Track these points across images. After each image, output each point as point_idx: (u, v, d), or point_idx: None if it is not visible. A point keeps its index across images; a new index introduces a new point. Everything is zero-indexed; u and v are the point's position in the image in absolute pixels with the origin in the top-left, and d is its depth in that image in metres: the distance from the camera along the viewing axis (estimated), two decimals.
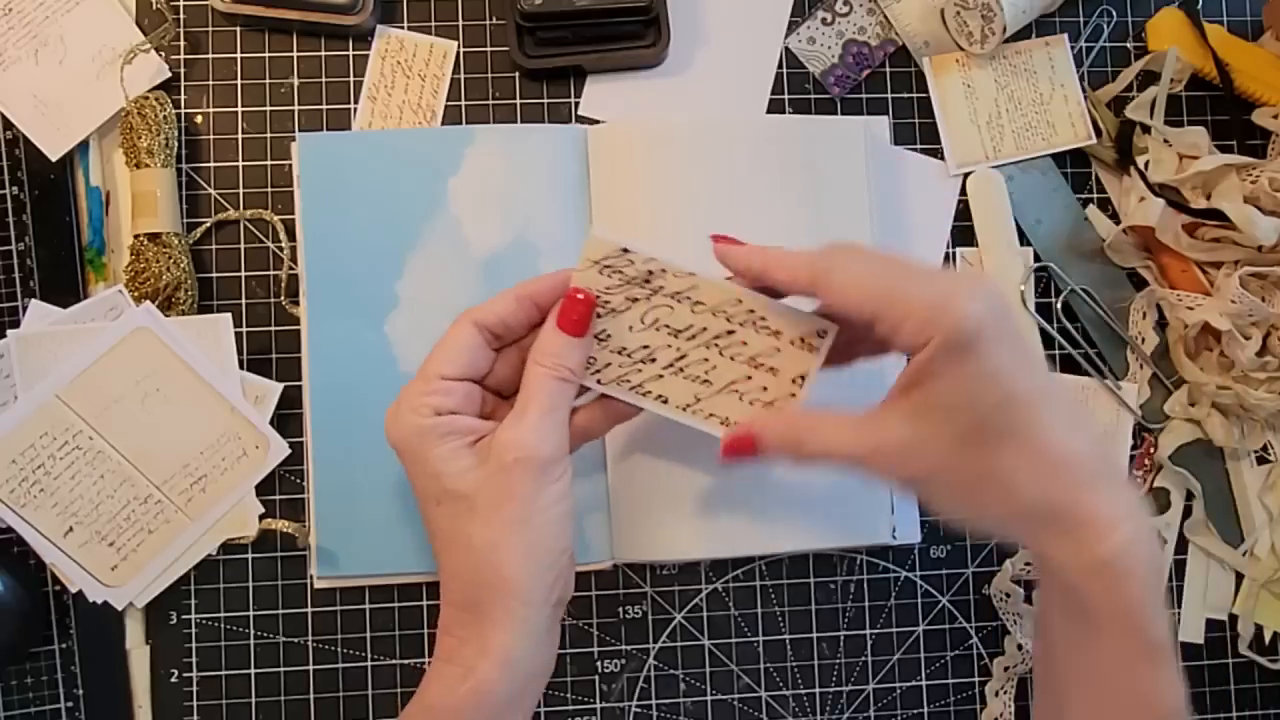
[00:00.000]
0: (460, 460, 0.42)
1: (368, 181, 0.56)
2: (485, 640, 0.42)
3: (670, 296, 0.45)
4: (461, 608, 0.43)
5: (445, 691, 0.42)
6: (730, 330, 0.45)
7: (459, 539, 0.42)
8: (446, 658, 0.43)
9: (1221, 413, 0.59)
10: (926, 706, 0.58)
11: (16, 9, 0.55)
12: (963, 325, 0.37)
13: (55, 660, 0.54)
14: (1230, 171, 0.57)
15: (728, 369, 0.46)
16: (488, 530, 0.42)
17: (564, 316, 0.44)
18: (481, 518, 0.42)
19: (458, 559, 0.43)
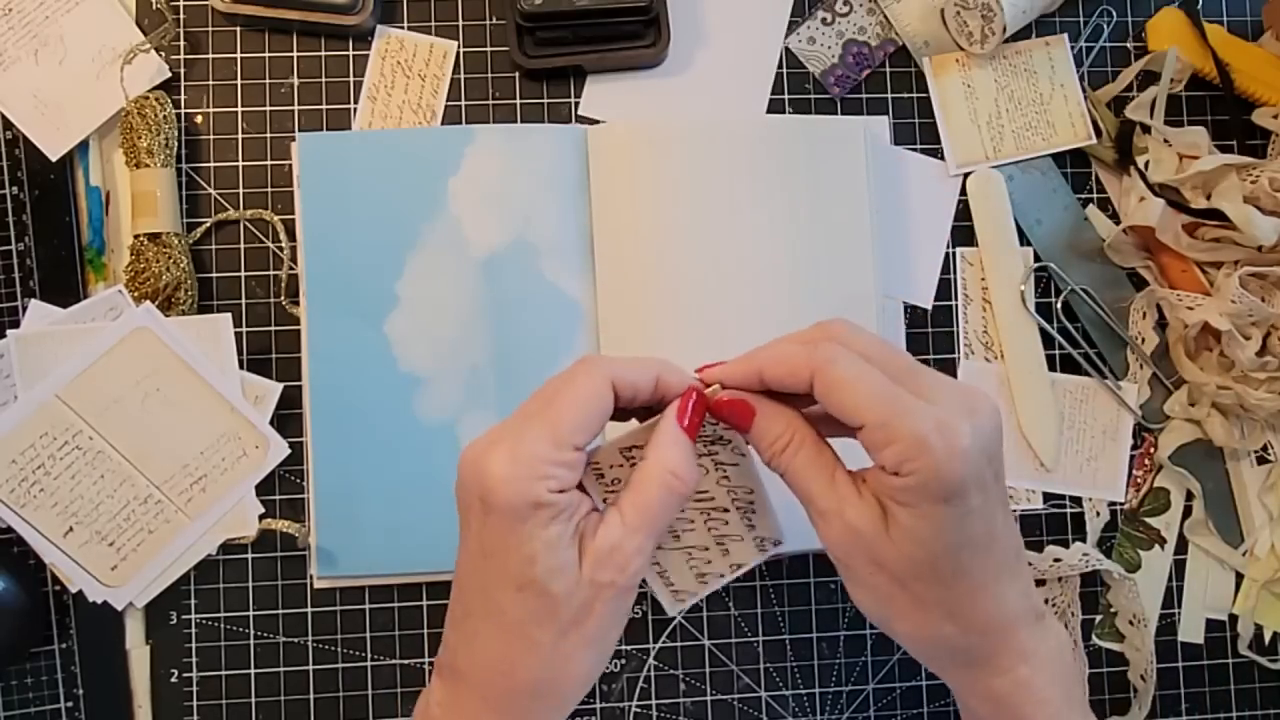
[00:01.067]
0: (563, 554, 0.37)
1: (368, 181, 0.56)
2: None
3: (715, 463, 0.43)
4: (494, 707, 0.39)
5: None
6: (726, 509, 0.45)
7: (526, 637, 0.38)
8: None
9: (1221, 413, 0.59)
10: (926, 706, 0.58)
11: (16, 9, 0.55)
12: (945, 474, 0.36)
13: (55, 660, 0.54)
14: (1230, 171, 0.57)
15: (699, 536, 0.45)
16: (563, 642, 0.38)
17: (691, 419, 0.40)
18: (560, 627, 0.37)
19: (514, 656, 0.38)
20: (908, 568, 0.38)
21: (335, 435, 0.55)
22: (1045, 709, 0.40)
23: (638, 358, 0.40)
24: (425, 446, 0.55)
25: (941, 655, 0.41)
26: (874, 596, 0.40)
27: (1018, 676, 0.40)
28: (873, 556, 0.38)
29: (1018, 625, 0.40)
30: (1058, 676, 0.40)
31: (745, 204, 0.56)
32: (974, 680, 0.41)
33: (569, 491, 0.37)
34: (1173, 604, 0.60)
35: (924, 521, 0.37)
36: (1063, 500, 0.60)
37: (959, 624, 0.39)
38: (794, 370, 0.39)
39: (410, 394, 0.55)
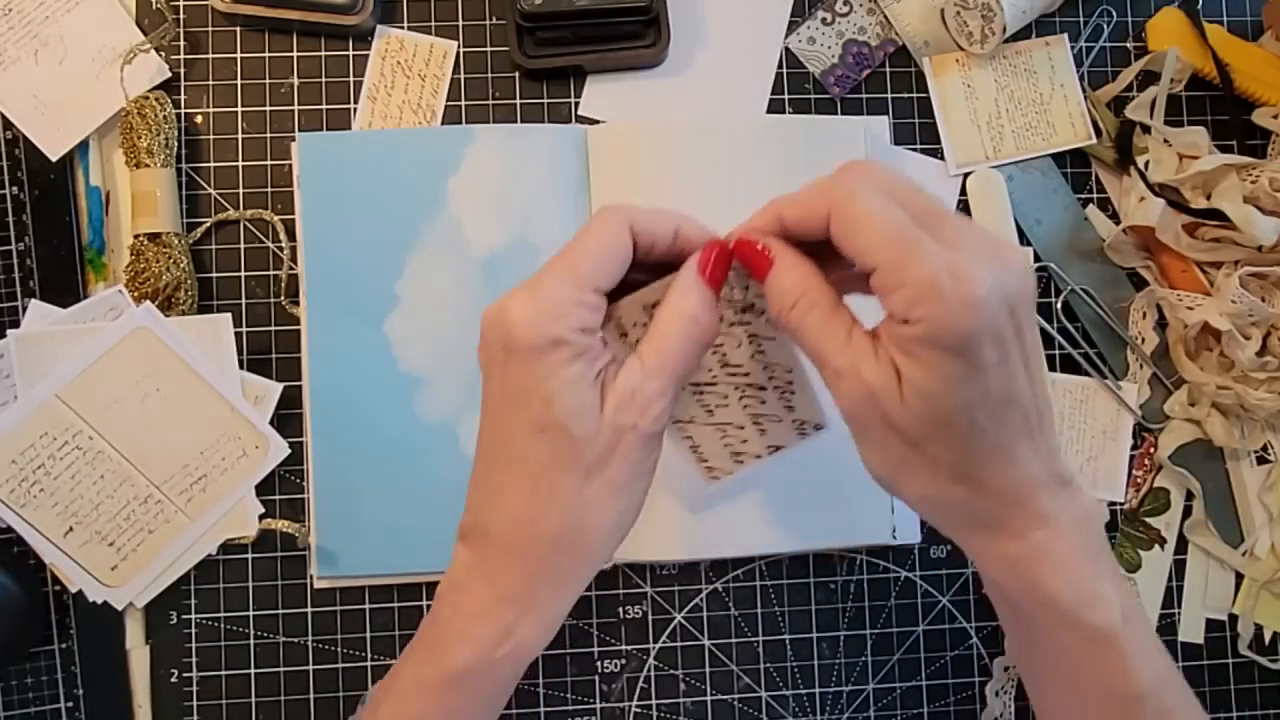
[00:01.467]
0: (586, 395, 0.37)
1: (368, 181, 0.56)
2: (539, 599, 0.38)
3: (749, 336, 0.42)
4: (520, 557, 0.38)
5: (478, 655, 0.38)
6: (762, 387, 0.43)
7: (550, 482, 0.37)
8: (481, 614, 0.38)
9: (1221, 413, 0.59)
10: (926, 706, 0.58)
11: (16, 9, 0.55)
12: (956, 323, 0.33)
13: (55, 660, 0.54)
14: (1230, 171, 0.57)
15: (733, 413, 0.44)
16: (588, 486, 0.37)
17: (713, 270, 0.39)
18: (583, 471, 0.37)
19: (539, 503, 0.37)
20: (920, 428, 0.35)
21: (335, 435, 0.55)
22: (1063, 574, 0.37)
23: (658, 209, 0.39)
24: (425, 446, 0.55)
25: (954, 518, 0.39)
26: (886, 459, 0.37)
27: (1032, 541, 0.37)
28: (886, 417, 0.36)
29: (1035, 489, 0.37)
30: (1081, 544, 0.38)
31: (745, 204, 0.56)
32: (987, 545, 0.38)
33: (590, 334, 0.37)
34: (1173, 604, 0.60)
35: (935, 376, 0.34)
36: None
37: (971, 486, 0.37)
38: (811, 208, 0.36)
39: (410, 394, 0.55)
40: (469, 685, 0.39)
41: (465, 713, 0.39)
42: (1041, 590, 0.38)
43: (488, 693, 0.40)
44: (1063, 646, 0.39)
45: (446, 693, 0.39)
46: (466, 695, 0.39)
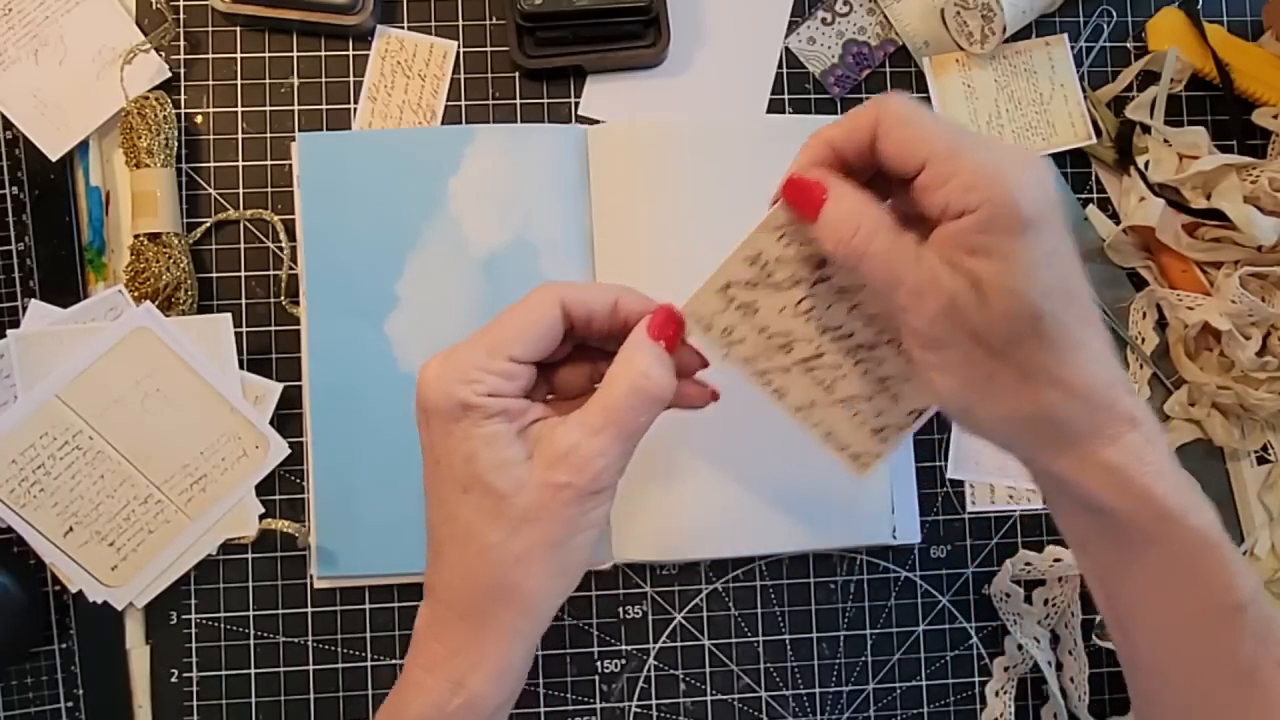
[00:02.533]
0: (505, 450, 0.37)
1: (368, 181, 0.56)
2: (483, 653, 0.38)
3: (836, 291, 0.40)
4: (459, 615, 0.39)
5: (431, 708, 0.38)
6: (874, 346, 0.41)
7: (478, 539, 0.38)
8: (431, 668, 0.39)
9: (1221, 413, 0.59)
10: (926, 706, 0.58)
11: (16, 9, 0.55)
12: (1015, 201, 0.33)
13: (55, 660, 0.54)
14: (1230, 171, 0.57)
15: (854, 383, 0.42)
16: (516, 541, 0.37)
17: (661, 332, 0.39)
18: (510, 525, 0.37)
19: (468, 561, 0.38)
20: (1007, 328, 0.34)
21: (335, 435, 0.55)
22: (1165, 478, 0.36)
23: (597, 284, 0.40)
24: None
25: (1044, 434, 0.37)
26: (969, 379, 0.36)
27: (1129, 444, 0.36)
28: (970, 327, 0.34)
29: (1120, 389, 0.36)
30: (1167, 448, 0.37)
31: (745, 204, 0.56)
32: (1083, 457, 0.36)
33: (505, 398, 0.38)
34: None
35: (1008, 264, 0.33)
36: None
37: (1062, 390, 0.35)
38: (856, 122, 0.36)
39: (410, 394, 0.55)
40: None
41: None
42: (1149, 495, 0.36)
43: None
44: (1167, 557, 0.37)
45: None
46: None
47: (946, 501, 0.59)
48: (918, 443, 0.58)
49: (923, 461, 0.58)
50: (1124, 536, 0.37)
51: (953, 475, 0.59)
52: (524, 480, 0.37)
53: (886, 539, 0.57)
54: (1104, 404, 0.36)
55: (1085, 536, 0.39)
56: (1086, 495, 0.37)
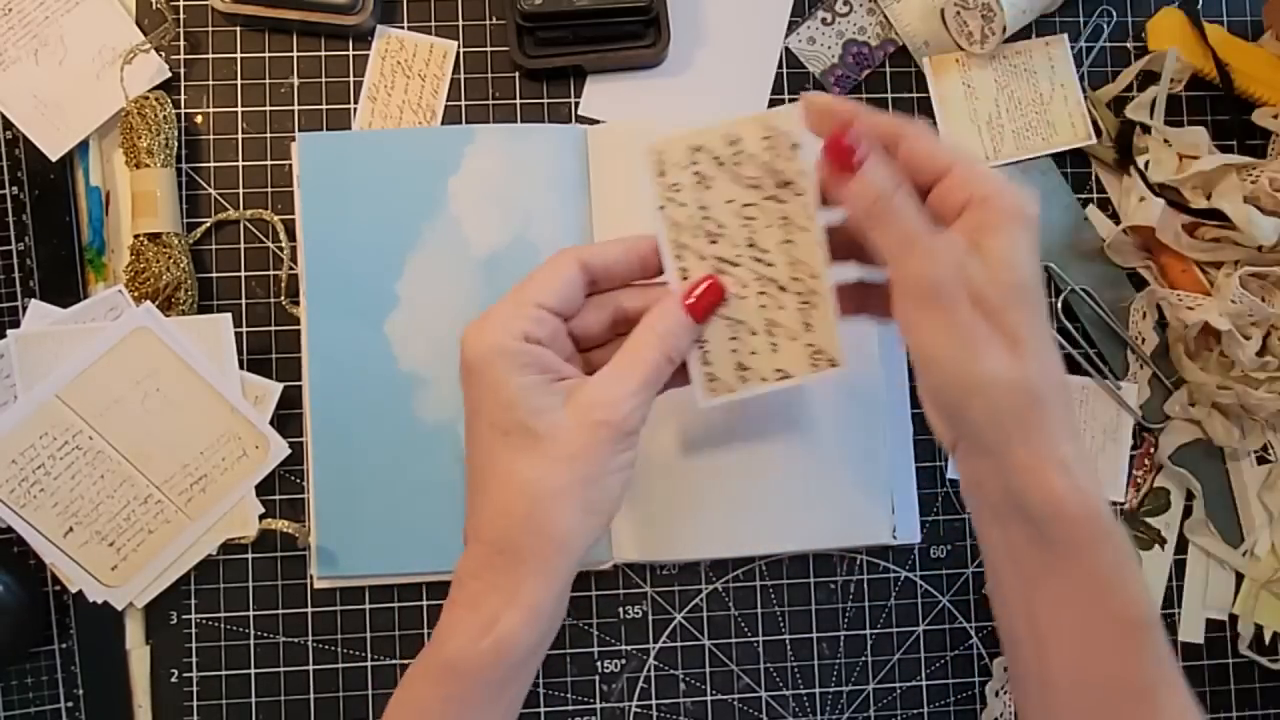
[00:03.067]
0: (543, 397, 0.41)
1: (368, 181, 0.56)
2: (517, 589, 0.40)
3: (780, 217, 0.43)
4: (497, 548, 0.41)
5: (466, 643, 0.40)
6: (783, 287, 0.44)
7: (516, 477, 0.41)
8: (469, 604, 0.41)
9: (1221, 413, 0.59)
10: (926, 706, 0.58)
11: (16, 9, 0.55)
12: (1025, 202, 0.40)
13: (55, 660, 0.54)
14: (1230, 171, 0.57)
15: (748, 310, 0.44)
16: (553, 477, 0.40)
17: (698, 302, 0.43)
18: (549, 463, 0.40)
19: (507, 496, 0.41)
20: (1005, 294, 0.39)
21: (335, 435, 0.55)
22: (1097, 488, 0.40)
23: (610, 240, 0.44)
24: (425, 446, 0.55)
25: (1021, 408, 0.40)
26: (965, 335, 0.39)
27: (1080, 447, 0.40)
28: (975, 287, 0.39)
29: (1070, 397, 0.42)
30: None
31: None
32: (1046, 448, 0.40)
33: (538, 345, 0.41)
34: (1173, 604, 0.60)
35: (1013, 245, 0.39)
36: None
37: (1040, 365, 0.40)
38: (880, 121, 0.41)
39: (410, 394, 0.55)
40: (459, 674, 0.41)
41: (459, 702, 0.41)
42: (1090, 499, 0.40)
43: (481, 684, 0.41)
44: (1090, 567, 0.40)
45: (440, 679, 0.41)
46: (458, 684, 0.41)
47: (946, 501, 0.59)
48: (918, 442, 0.58)
49: (923, 461, 0.58)
50: (1054, 544, 0.40)
51: (953, 475, 0.59)
52: (560, 423, 0.40)
53: (886, 539, 0.57)
54: (1065, 403, 0.41)
55: (1015, 545, 0.42)
56: (1030, 496, 0.40)
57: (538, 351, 0.41)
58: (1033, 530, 0.40)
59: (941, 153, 0.41)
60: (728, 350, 0.44)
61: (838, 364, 0.44)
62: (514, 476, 0.41)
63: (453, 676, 0.41)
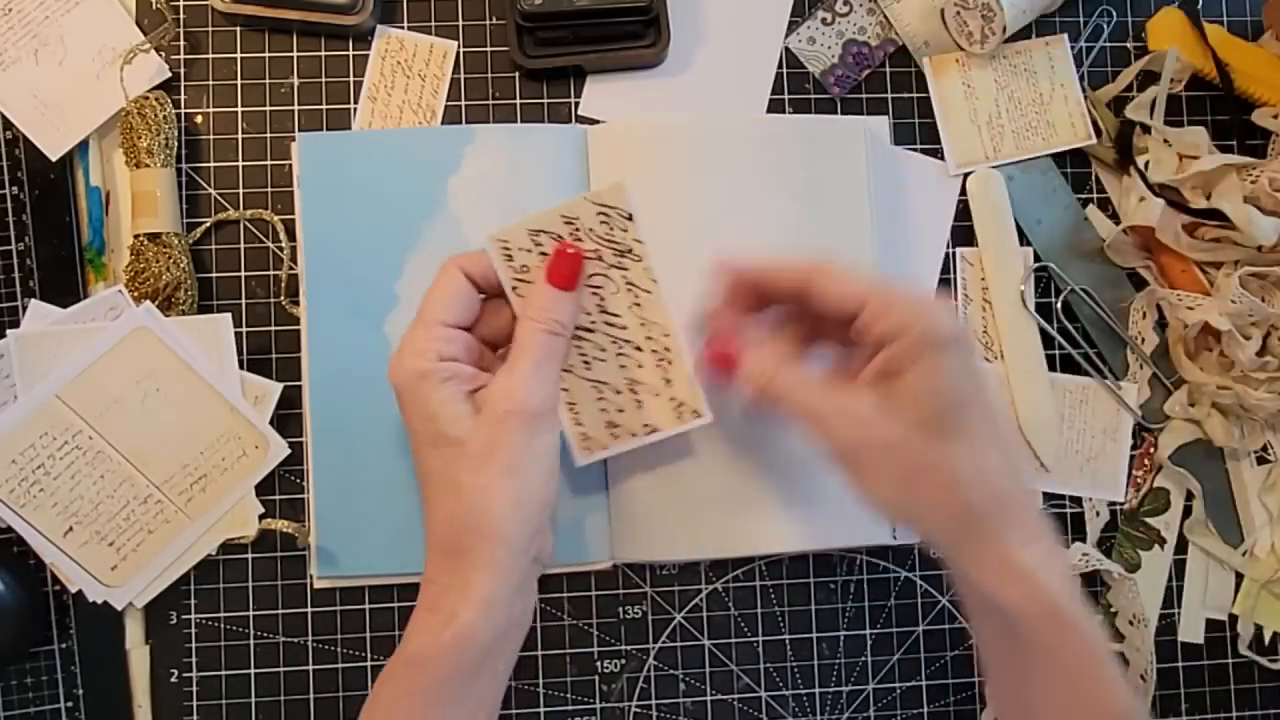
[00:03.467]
0: (457, 406, 0.44)
1: (368, 181, 0.56)
2: (467, 584, 0.43)
3: (626, 284, 0.46)
4: (445, 553, 0.44)
5: (429, 640, 0.43)
6: (639, 348, 0.47)
7: (449, 483, 0.44)
8: (429, 606, 0.44)
9: (1221, 413, 0.59)
10: (926, 706, 0.58)
11: (16, 9, 0.55)
12: (942, 325, 0.42)
13: (55, 660, 0.54)
14: (1230, 171, 0.57)
15: (610, 372, 0.47)
16: (478, 476, 0.43)
17: (554, 271, 0.46)
18: (472, 464, 0.43)
19: (446, 503, 0.44)
20: (930, 423, 0.41)
21: (335, 435, 0.55)
22: (1066, 587, 0.42)
23: (479, 251, 0.46)
24: None
25: (969, 530, 0.42)
26: (899, 477, 0.42)
27: (1043, 548, 0.42)
28: (885, 438, 0.42)
29: (1025, 498, 0.44)
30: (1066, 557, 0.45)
31: (745, 204, 0.56)
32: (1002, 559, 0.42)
33: (451, 362, 0.44)
34: (1173, 604, 0.60)
35: (934, 372, 0.41)
36: (1063, 500, 0.60)
37: (979, 484, 0.42)
38: (793, 267, 0.45)
39: None
40: (425, 668, 0.43)
41: (424, 695, 0.43)
42: (1054, 604, 0.41)
43: (446, 677, 0.43)
44: (1064, 663, 0.42)
45: (407, 676, 0.43)
46: (424, 678, 0.43)
47: None
48: None
49: None
50: (1024, 642, 0.42)
51: None
52: (476, 427, 0.44)
53: (886, 539, 0.57)
54: (1015, 504, 0.43)
55: (992, 641, 0.45)
56: (997, 599, 0.42)
57: (452, 368, 0.44)
58: (1002, 626, 0.43)
59: (851, 291, 0.43)
60: (596, 410, 0.48)
61: (701, 415, 0.48)
62: (446, 483, 0.44)
63: (419, 672, 0.43)
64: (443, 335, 0.45)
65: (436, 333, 0.45)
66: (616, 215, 0.46)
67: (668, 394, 0.47)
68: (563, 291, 0.46)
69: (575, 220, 0.46)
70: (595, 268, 0.46)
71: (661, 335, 0.47)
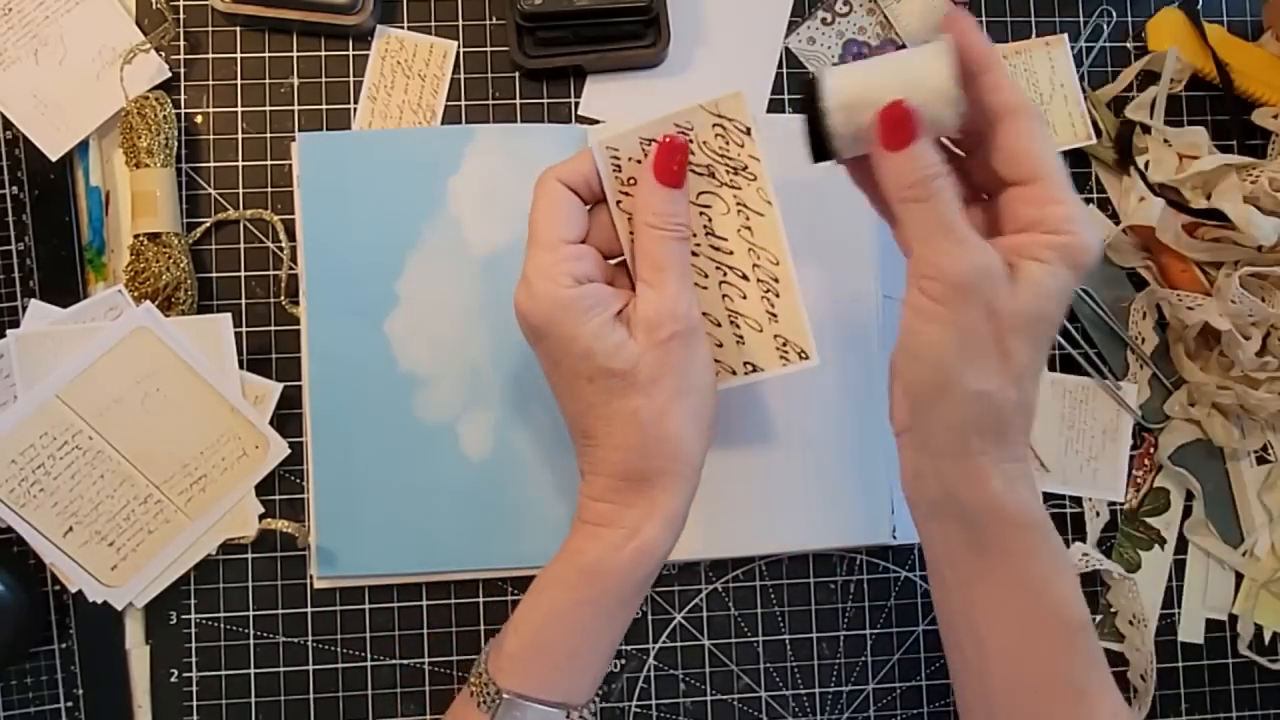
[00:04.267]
0: (613, 336, 0.41)
1: (368, 181, 0.56)
2: (653, 504, 0.42)
3: (737, 204, 0.43)
4: (625, 478, 0.43)
5: (607, 552, 0.42)
6: (744, 276, 0.44)
7: (621, 413, 0.42)
8: (604, 522, 0.43)
9: (1221, 413, 0.59)
10: (926, 706, 0.58)
11: (16, 9, 0.55)
12: (1090, 247, 0.40)
13: (55, 660, 0.54)
14: (1230, 171, 0.57)
15: (711, 301, 0.44)
16: (653, 402, 0.42)
17: (662, 166, 0.43)
18: (644, 391, 0.41)
19: (619, 431, 0.42)
20: (1020, 319, 0.40)
21: (335, 435, 0.55)
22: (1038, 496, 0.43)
23: (575, 155, 0.44)
24: (425, 446, 0.55)
25: (992, 421, 0.41)
26: (964, 342, 0.40)
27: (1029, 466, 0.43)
28: (991, 298, 0.39)
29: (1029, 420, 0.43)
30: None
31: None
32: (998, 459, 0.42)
33: (588, 285, 0.42)
34: (1173, 604, 0.60)
35: (1053, 281, 0.40)
36: (1063, 500, 0.60)
37: (1020, 393, 0.41)
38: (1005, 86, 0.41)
39: (410, 394, 0.55)
40: (600, 578, 0.43)
41: (594, 605, 0.43)
42: (1027, 508, 0.42)
43: (618, 589, 0.43)
44: (1022, 570, 0.42)
45: (577, 584, 0.43)
46: (598, 588, 0.43)
47: None
48: None
49: None
50: (988, 548, 0.42)
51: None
52: (636, 353, 0.41)
53: (886, 539, 0.57)
54: (1029, 424, 0.42)
55: (951, 545, 0.44)
56: (967, 500, 0.42)
57: (590, 290, 0.42)
58: (969, 532, 0.42)
59: (1041, 161, 0.40)
60: None
61: (808, 356, 0.44)
62: (617, 414, 0.42)
63: (592, 581, 0.43)
64: (571, 254, 0.42)
65: (563, 252, 0.42)
66: (734, 128, 0.42)
67: (771, 330, 0.44)
68: (675, 190, 0.43)
69: (689, 131, 0.43)
70: (704, 184, 0.43)
71: (770, 263, 0.43)
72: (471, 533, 0.55)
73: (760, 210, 0.43)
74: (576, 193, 0.44)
